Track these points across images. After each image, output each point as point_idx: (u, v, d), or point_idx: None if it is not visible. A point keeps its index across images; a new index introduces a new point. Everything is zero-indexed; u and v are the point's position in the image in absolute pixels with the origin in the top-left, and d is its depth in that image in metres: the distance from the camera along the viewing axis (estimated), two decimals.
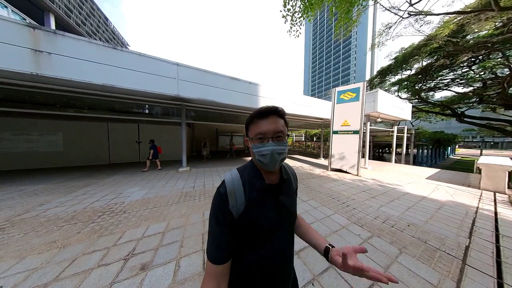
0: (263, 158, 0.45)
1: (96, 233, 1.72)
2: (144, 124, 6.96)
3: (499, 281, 1.24)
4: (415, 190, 3.40)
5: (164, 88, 4.00)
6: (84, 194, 2.88)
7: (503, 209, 2.53)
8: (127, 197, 2.77)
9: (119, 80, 3.50)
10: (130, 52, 3.64)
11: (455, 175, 4.95)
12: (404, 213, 2.29)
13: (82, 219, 2.01)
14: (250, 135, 0.48)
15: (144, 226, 1.86)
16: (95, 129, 6.16)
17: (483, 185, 3.53)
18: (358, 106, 4.69)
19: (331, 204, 2.57)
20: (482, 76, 9.80)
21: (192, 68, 4.38)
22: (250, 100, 5.37)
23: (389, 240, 1.67)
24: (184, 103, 5.07)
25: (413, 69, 11.67)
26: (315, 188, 3.41)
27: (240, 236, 0.44)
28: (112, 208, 2.32)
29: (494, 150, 29.74)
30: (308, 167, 5.97)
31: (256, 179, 0.48)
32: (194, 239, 1.64)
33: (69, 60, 3.05)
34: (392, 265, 1.34)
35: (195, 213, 2.20)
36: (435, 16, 4.00)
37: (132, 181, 3.78)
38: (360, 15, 4.11)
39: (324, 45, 76.06)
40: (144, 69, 3.75)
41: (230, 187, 0.46)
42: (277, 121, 0.45)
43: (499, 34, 6.32)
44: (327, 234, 1.74)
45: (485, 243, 1.67)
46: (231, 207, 0.43)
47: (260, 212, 0.45)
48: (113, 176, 4.30)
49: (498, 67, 8.78)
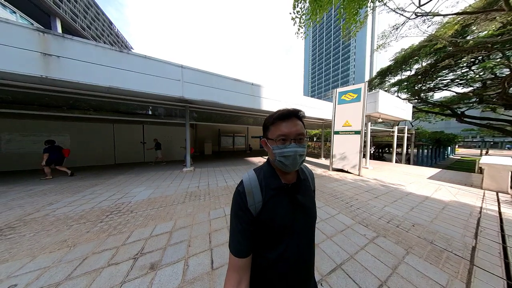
0: (285, 159, 0.45)
1: (105, 232, 1.72)
2: (148, 125, 7.00)
3: (508, 282, 1.21)
4: (417, 190, 3.36)
5: (169, 90, 4.02)
6: (91, 194, 2.89)
7: (508, 209, 2.49)
8: (133, 196, 2.78)
9: (124, 82, 3.52)
10: (135, 55, 3.66)
11: (456, 175, 4.89)
12: (408, 213, 2.26)
13: (90, 219, 2.01)
14: (271, 136, 0.47)
15: (152, 226, 1.85)
16: (101, 130, 6.21)
17: (485, 185, 3.48)
18: (359, 107, 4.66)
19: (335, 204, 2.55)
20: (482, 76, 9.70)
21: (196, 70, 4.40)
22: (252, 101, 5.37)
23: (394, 240, 1.64)
24: (188, 105, 5.09)
25: (413, 69, 11.60)
26: (318, 188, 3.39)
27: (258, 234, 0.45)
28: (120, 208, 2.32)
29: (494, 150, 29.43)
30: (309, 167, 5.91)
31: (272, 179, 0.48)
32: (201, 238, 1.63)
33: (77, 63, 3.07)
34: (400, 265, 1.31)
35: (201, 212, 2.20)
36: (442, 16, 3.94)
37: (137, 181, 3.79)
38: (367, 17, 4.09)
39: (324, 46, 75.94)
40: (149, 71, 3.77)
41: (247, 186, 0.47)
42: (298, 123, 0.46)
43: (498, 34, 6.26)
44: (332, 234, 1.73)
45: (492, 244, 1.64)
46: (250, 205, 0.45)
47: (277, 211, 0.45)
48: (118, 176, 4.32)
49: (498, 68, 8.69)
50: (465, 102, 11.61)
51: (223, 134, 12.11)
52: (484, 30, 6.35)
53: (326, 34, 74.53)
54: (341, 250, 1.48)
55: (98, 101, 4.28)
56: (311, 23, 3.12)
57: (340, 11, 3.07)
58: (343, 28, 3.25)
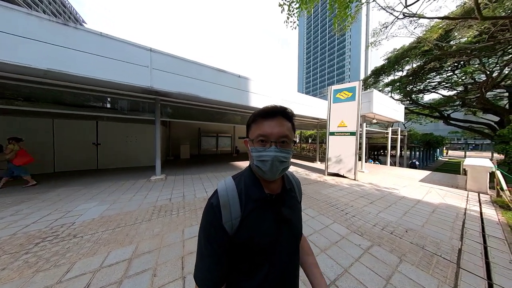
0: (262, 164, 0.44)
1: (31, 267, 1.46)
2: (105, 122, 6.32)
3: (489, 282, 1.42)
4: (410, 193, 3.78)
5: (133, 78, 3.72)
6: (14, 215, 2.44)
7: (487, 209, 2.98)
8: (79, 216, 2.44)
9: (70, 65, 3.13)
10: (87, 30, 3.31)
11: (444, 176, 5.69)
12: (401, 218, 2.51)
13: (9, 250, 1.68)
14: (251, 136, 0.47)
15: (103, 253, 1.64)
16: (34, 127, 5.35)
17: (469, 186, 4.12)
18: (354, 106, 5.06)
19: (329, 212, 2.68)
20: (464, 81, 11.66)
21: (169, 55, 4.19)
22: (239, 96, 5.35)
23: (389, 248, 1.80)
24: (160, 97, 4.79)
25: (404, 70, 13.26)
26: (312, 195, 3.52)
27: (234, 257, 0.42)
28: (57, 232, 2.01)
29: (476, 152, 35.52)
30: (304, 172, 6.16)
31: (253, 188, 0.46)
32: (171, 264, 1.51)
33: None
34: (393, 275, 1.43)
35: (172, 231, 2.05)
36: (427, 19, 4.65)
37: (86, 195, 3.36)
38: (358, 11, 4.56)
39: (319, 42, 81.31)
40: (107, 53, 3.44)
41: (223, 198, 0.44)
42: (283, 123, 0.44)
43: (476, 42, 7.68)
44: (327, 247, 1.79)
45: (475, 245, 1.92)
46: (225, 222, 0.41)
47: (258, 228, 0.43)
48: (58, 188, 3.76)
49: (476, 73, 10.58)
50: (450, 105, 13.75)
51: (204, 134, 11.68)
52: (464, 36, 7.71)
53: (321, 27, 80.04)
54: (336, 264, 1.55)
55: (31, 89, 3.70)
56: (301, 13, 3.30)
57: (330, 2, 3.34)
58: (334, 21, 3.55)
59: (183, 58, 4.40)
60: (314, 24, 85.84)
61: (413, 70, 12.27)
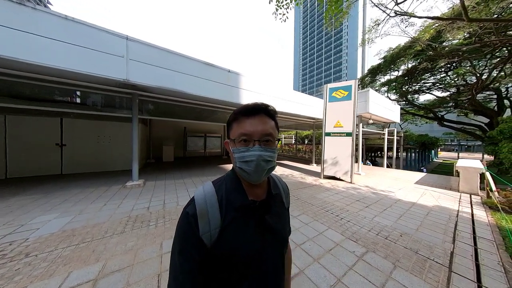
0: (246, 166, 0.43)
1: None
2: (71, 119, 5.90)
3: (478, 284, 1.53)
4: (405, 196, 4.00)
5: (105, 70, 3.53)
6: None
7: (478, 211, 3.23)
8: (34, 230, 2.24)
9: (26, 52, 2.89)
10: (50, 13, 3.08)
11: (439, 178, 6.10)
12: (396, 222, 2.64)
13: None
14: (232, 135, 0.46)
15: (63, 274, 1.51)
16: None
17: (461, 188, 4.45)
18: (350, 106, 5.26)
19: (324, 218, 2.73)
20: (456, 82, 12.69)
21: (149, 45, 4.04)
22: (229, 93, 5.31)
23: (383, 254, 1.87)
24: (138, 92, 4.59)
25: (400, 70, 14.12)
26: (307, 200, 3.57)
27: (213, 272, 0.41)
28: (4, 251, 1.81)
29: (468, 153, 38.79)
30: (299, 175, 6.26)
31: (236, 194, 0.45)
32: (144, 284, 1.43)
33: None
34: (388, 282, 1.49)
35: (148, 245, 1.95)
36: (418, 19, 5.00)
37: (46, 205, 3.09)
38: (350, 6, 4.80)
39: (315, 39, 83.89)
40: (73, 39, 3.22)
41: (201, 206, 0.42)
42: (266, 121, 0.45)
43: (467, 44, 8.41)
44: (320, 255, 1.82)
45: (466, 247, 2.07)
46: (202, 234, 0.40)
47: (240, 239, 0.42)
48: (12, 197, 3.43)
49: (467, 75, 11.58)
50: (444, 106, 14.88)
51: (190, 134, 11.40)
52: (455, 37, 8.41)
53: (317, 23, 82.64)
54: (329, 274, 1.57)
55: None
56: (291, 5, 3.37)
57: None
58: (326, 15, 3.69)
59: (166, 48, 4.27)
60: (310, 18, 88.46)
61: (407, 70, 13.12)
